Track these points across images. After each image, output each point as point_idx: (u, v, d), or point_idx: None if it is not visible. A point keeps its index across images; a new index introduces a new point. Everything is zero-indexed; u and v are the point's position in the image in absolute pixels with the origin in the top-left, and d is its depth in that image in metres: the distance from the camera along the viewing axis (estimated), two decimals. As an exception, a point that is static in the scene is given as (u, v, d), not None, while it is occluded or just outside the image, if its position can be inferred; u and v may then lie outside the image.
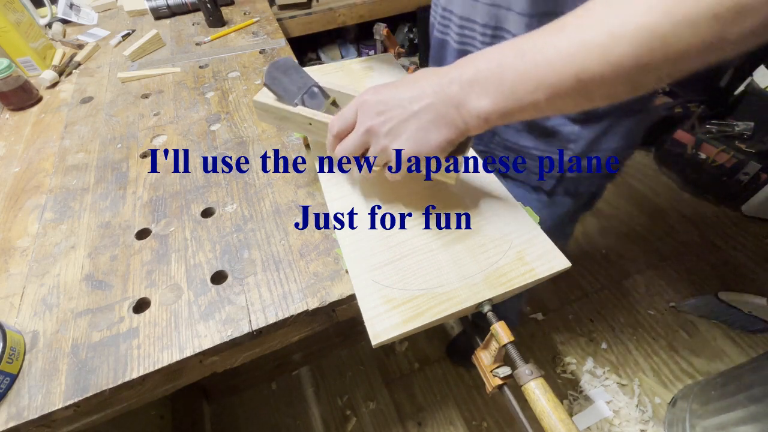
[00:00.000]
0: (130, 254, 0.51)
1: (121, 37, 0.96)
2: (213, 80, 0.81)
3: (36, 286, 0.48)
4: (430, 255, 0.43)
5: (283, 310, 0.44)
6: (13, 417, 0.38)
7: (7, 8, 0.79)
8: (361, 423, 1.17)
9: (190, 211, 0.55)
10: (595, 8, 0.30)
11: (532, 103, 0.33)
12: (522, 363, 0.37)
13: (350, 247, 0.45)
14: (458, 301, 0.40)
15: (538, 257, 0.43)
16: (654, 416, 1.15)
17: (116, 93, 0.79)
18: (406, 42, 2.28)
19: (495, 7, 0.51)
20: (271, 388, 1.25)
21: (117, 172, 0.62)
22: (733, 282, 1.41)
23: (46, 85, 0.82)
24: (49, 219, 0.56)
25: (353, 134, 0.39)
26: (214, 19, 0.97)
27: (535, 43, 0.32)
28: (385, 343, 0.38)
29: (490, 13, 0.52)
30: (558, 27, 0.31)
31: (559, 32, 0.31)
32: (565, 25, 0.31)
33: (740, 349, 1.26)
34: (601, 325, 1.34)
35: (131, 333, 0.43)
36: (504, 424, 1.16)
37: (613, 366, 1.25)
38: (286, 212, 0.54)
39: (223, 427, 1.16)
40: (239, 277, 0.48)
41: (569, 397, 1.20)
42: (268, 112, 0.47)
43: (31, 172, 0.63)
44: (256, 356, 0.49)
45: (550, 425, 0.33)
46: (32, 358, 0.42)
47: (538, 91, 0.32)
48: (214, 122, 0.70)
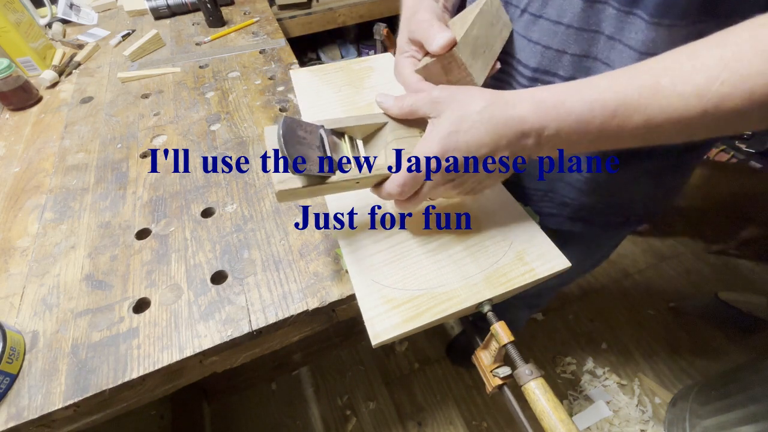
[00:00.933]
0: (130, 254, 0.51)
1: (121, 37, 0.96)
2: (213, 80, 0.81)
3: (36, 286, 0.48)
4: (430, 255, 0.43)
5: (283, 310, 0.44)
6: (13, 417, 0.38)
7: (7, 8, 0.79)
8: (361, 423, 1.17)
9: (190, 211, 0.55)
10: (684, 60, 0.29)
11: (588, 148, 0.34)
12: (522, 363, 0.37)
13: (350, 247, 0.45)
14: (458, 301, 0.40)
15: (538, 257, 0.43)
16: (654, 416, 1.15)
17: (116, 93, 0.79)
18: (406, 42, 2.28)
19: (545, 49, 0.44)
20: (271, 388, 1.25)
21: (117, 172, 0.62)
22: (733, 282, 1.41)
23: (46, 85, 0.82)
24: (49, 219, 0.56)
25: (418, 198, 0.37)
26: (214, 19, 0.97)
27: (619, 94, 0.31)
28: (385, 343, 0.38)
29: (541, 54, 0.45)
30: (649, 74, 0.30)
31: (654, 82, 0.30)
32: (655, 73, 0.30)
33: (740, 349, 1.26)
34: (601, 325, 1.34)
35: (131, 333, 0.43)
36: (504, 424, 1.16)
37: (613, 366, 1.25)
38: (286, 212, 0.54)
39: (223, 427, 1.16)
40: (239, 277, 0.48)
41: (569, 397, 1.20)
42: (300, 194, 0.37)
43: (31, 172, 0.63)
44: (256, 356, 0.49)
45: (550, 425, 0.33)
46: (32, 358, 0.42)
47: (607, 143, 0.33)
48: (214, 122, 0.70)
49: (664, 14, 0.34)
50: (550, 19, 0.41)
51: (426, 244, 0.45)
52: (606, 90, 0.31)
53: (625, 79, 0.31)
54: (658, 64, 0.30)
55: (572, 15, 0.40)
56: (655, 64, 0.30)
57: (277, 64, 0.85)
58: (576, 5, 0.39)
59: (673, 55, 0.30)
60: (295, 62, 0.85)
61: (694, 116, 0.29)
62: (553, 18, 0.41)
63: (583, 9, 0.39)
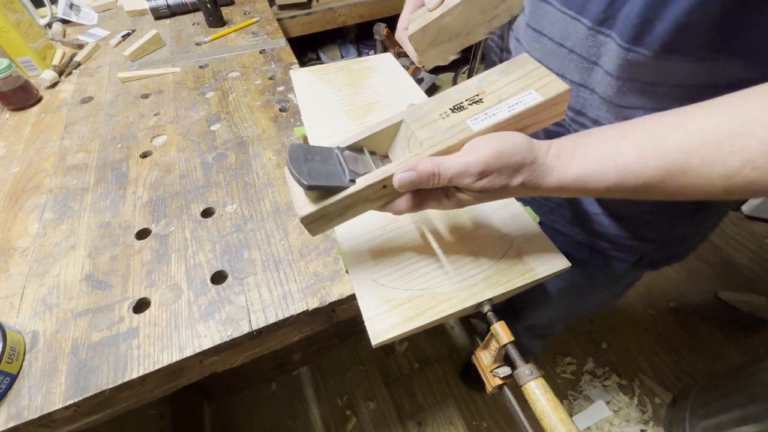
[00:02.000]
0: (130, 254, 0.51)
1: (121, 37, 0.96)
2: (213, 80, 0.81)
3: (36, 286, 0.48)
4: (430, 255, 0.43)
5: (283, 310, 0.44)
6: (13, 417, 0.38)
7: (7, 8, 0.79)
8: (361, 423, 1.17)
9: (190, 211, 0.55)
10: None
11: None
12: (522, 363, 0.37)
13: (350, 247, 0.45)
14: (458, 301, 0.40)
15: (538, 257, 0.43)
16: (654, 416, 1.15)
17: (116, 93, 0.79)
18: (406, 42, 2.28)
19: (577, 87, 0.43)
20: (271, 388, 1.25)
21: (117, 172, 0.62)
22: (733, 282, 1.41)
23: (46, 85, 0.82)
24: (49, 219, 0.56)
25: (424, 200, 0.36)
26: (214, 19, 0.97)
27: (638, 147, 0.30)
28: (385, 343, 0.38)
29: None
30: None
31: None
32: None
33: (740, 349, 1.26)
34: (601, 325, 1.34)
35: (131, 333, 0.43)
36: (504, 424, 1.16)
37: (613, 366, 1.25)
38: (286, 212, 0.54)
39: (223, 427, 1.16)
40: (239, 277, 0.48)
41: (569, 397, 1.20)
42: (326, 217, 0.35)
43: (31, 172, 0.63)
44: (256, 356, 0.49)
45: (550, 425, 0.33)
46: (32, 358, 0.42)
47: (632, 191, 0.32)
48: (214, 122, 0.70)
49: (671, 50, 0.33)
50: (553, 39, 0.41)
51: (426, 244, 0.45)
52: (630, 173, 0.30)
53: (654, 154, 0.29)
54: (694, 137, 0.28)
55: (576, 40, 0.39)
56: (687, 137, 0.28)
57: (277, 64, 0.85)
58: (581, 31, 0.38)
59: (711, 125, 0.27)
60: (295, 62, 0.85)
61: (714, 195, 0.28)
62: (557, 39, 0.41)
63: (586, 36, 0.38)
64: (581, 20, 0.37)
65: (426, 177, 0.32)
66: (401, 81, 0.65)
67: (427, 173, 0.32)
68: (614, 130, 0.32)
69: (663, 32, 0.32)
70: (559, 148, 0.32)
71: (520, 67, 0.36)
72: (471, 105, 0.35)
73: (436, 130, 0.34)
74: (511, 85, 0.35)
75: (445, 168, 0.32)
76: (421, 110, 0.36)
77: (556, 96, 0.33)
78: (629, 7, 0.33)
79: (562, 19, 0.39)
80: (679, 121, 0.29)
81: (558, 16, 0.39)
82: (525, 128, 0.35)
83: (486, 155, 0.31)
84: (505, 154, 0.31)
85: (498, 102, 0.34)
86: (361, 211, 0.36)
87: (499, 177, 0.32)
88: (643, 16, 0.32)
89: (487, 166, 0.31)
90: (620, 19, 0.34)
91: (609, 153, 0.31)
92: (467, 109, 0.35)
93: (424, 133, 0.34)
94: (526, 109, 0.33)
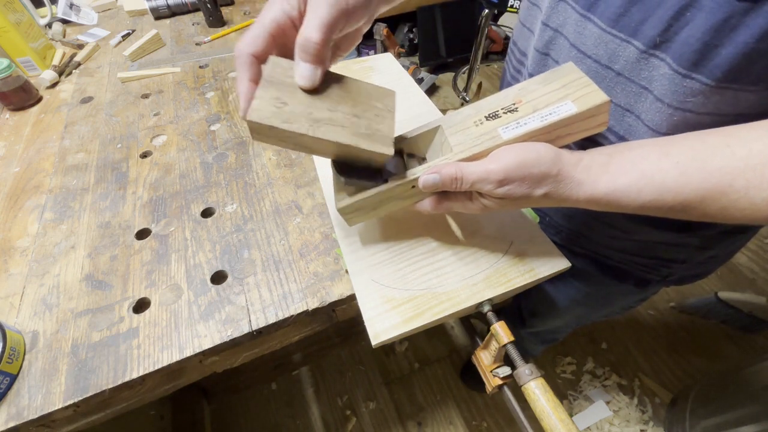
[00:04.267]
0: (130, 254, 0.51)
1: (121, 37, 0.96)
2: (213, 80, 0.81)
3: (36, 286, 0.48)
4: (430, 255, 0.43)
5: (283, 310, 0.44)
6: (13, 417, 0.38)
7: (7, 8, 0.79)
8: (361, 423, 1.17)
9: (190, 211, 0.55)
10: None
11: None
12: (522, 363, 0.37)
13: (350, 247, 0.45)
14: (458, 301, 0.40)
15: (538, 257, 0.43)
16: (654, 416, 1.15)
17: (116, 93, 0.79)
18: (406, 42, 2.28)
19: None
20: (271, 388, 1.25)
21: (117, 172, 0.62)
22: (733, 282, 1.41)
23: (46, 85, 0.82)
24: (49, 219, 0.56)
25: (449, 199, 0.37)
26: (214, 19, 0.97)
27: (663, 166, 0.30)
28: (385, 343, 0.38)
29: None
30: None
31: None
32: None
33: (740, 349, 1.26)
34: (601, 325, 1.34)
35: (131, 333, 0.43)
36: (504, 424, 1.16)
37: (613, 366, 1.25)
38: (286, 212, 0.54)
39: (223, 427, 1.16)
40: (239, 277, 0.48)
41: (569, 397, 1.21)
42: (361, 210, 0.38)
43: (31, 172, 0.63)
44: (256, 356, 0.49)
45: (550, 425, 0.33)
46: (32, 358, 0.42)
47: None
48: (214, 122, 0.70)
49: (732, 80, 0.31)
50: (600, 61, 0.38)
51: (426, 244, 0.45)
52: (668, 192, 0.29)
53: (696, 174, 0.28)
54: (739, 160, 0.27)
55: (624, 63, 0.36)
56: (732, 159, 0.27)
57: (277, 64, 0.84)
58: (632, 54, 0.35)
59: (758, 148, 0.27)
60: (295, 62, 0.85)
61: (755, 219, 0.28)
62: (603, 61, 0.38)
63: (637, 59, 0.35)
64: (632, 42, 0.35)
65: (449, 180, 0.33)
66: (401, 81, 0.65)
67: (450, 177, 0.33)
68: (655, 146, 0.31)
69: (728, 59, 0.29)
70: (591, 161, 0.32)
71: (561, 77, 0.35)
72: (505, 113, 0.35)
73: (467, 137, 0.35)
74: (549, 95, 0.34)
75: (468, 173, 0.33)
76: (459, 116, 0.37)
77: (592, 107, 0.32)
78: (690, 30, 0.30)
79: (610, 41, 0.36)
80: (723, 141, 0.28)
81: (605, 38, 0.37)
82: (558, 138, 0.34)
83: (508, 164, 0.32)
84: (527, 164, 0.31)
85: (533, 111, 0.34)
86: (393, 206, 0.39)
87: (520, 186, 0.32)
88: (704, 42, 0.30)
89: (507, 174, 0.32)
90: (678, 42, 0.32)
91: (648, 170, 0.30)
92: (501, 117, 0.35)
93: (457, 139, 0.36)
94: (559, 120, 0.33)
